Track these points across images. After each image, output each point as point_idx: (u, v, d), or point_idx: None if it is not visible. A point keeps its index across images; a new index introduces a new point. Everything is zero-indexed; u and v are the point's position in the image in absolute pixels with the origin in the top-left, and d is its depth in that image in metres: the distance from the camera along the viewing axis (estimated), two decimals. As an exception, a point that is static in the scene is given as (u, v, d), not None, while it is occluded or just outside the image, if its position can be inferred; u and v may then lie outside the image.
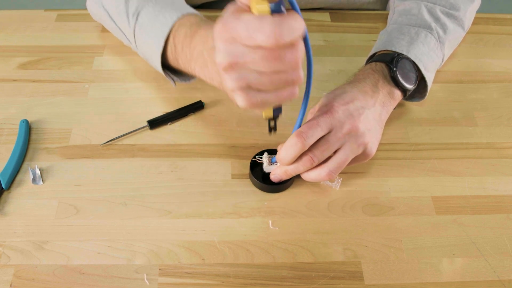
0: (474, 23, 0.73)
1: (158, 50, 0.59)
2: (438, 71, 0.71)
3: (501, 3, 1.99)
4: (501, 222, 0.57)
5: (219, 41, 0.41)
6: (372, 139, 0.56)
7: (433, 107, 0.69)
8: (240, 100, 0.43)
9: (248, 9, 0.41)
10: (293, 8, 0.43)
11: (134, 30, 0.62)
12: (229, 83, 0.42)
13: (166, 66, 0.62)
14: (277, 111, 0.50)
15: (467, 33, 0.72)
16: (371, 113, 0.56)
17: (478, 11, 0.74)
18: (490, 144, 0.65)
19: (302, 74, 0.42)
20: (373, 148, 0.56)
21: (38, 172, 0.58)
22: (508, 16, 0.84)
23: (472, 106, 0.69)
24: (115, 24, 0.65)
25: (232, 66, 0.41)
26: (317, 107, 0.56)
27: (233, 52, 0.41)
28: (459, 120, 0.67)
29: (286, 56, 0.40)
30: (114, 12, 0.64)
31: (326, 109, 0.53)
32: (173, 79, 0.62)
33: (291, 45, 0.40)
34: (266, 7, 0.39)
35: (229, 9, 0.42)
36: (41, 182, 0.57)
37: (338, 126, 0.53)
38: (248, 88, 0.43)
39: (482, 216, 0.57)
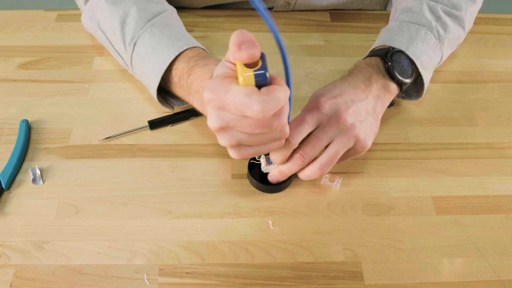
0: (474, 23, 0.73)
1: (155, 84, 0.59)
2: (438, 71, 0.71)
3: (501, 3, 1.99)
4: (501, 222, 0.57)
5: (210, 107, 0.44)
6: (366, 131, 0.55)
7: (433, 107, 0.69)
8: (232, 154, 0.49)
9: (235, 73, 0.43)
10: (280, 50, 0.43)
11: (132, 59, 0.61)
12: (221, 141, 0.47)
13: (165, 89, 0.63)
14: None
15: (467, 33, 0.72)
16: (362, 106, 0.56)
17: (478, 11, 0.74)
18: (490, 144, 0.65)
19: (288, 130, 0.47)
20: (367, 140, 0.55)
21: (38, 172, 0.58)
22: (508, 16, 0.84)
23: (472, 106, 0.69)
24: (113, 46, 0.64)
25: (223, 129, 0.45)
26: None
27: (223, 118, 0.44)
28: (459, 120, 0.67)
29: (273, 123, 0.44)
30: (111, 35, 0.63)
31: (313, 104, 0.54)
32: (171, 105, 0.63)
33: (277, 113, 0.43)
34: (251, 80, 0.41)
35: (218, 73, 0.44)
36: (41, 182, 0.57)
37: (326, 121, 0.53)
38: (239, 145, 0.48)
39: (482, 216, 0.57)
